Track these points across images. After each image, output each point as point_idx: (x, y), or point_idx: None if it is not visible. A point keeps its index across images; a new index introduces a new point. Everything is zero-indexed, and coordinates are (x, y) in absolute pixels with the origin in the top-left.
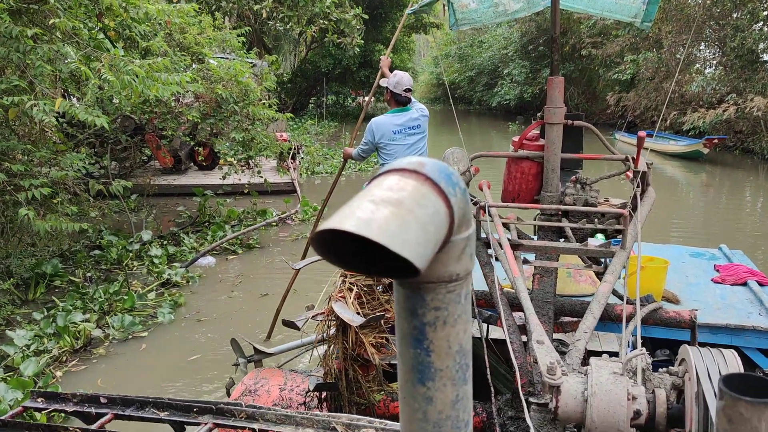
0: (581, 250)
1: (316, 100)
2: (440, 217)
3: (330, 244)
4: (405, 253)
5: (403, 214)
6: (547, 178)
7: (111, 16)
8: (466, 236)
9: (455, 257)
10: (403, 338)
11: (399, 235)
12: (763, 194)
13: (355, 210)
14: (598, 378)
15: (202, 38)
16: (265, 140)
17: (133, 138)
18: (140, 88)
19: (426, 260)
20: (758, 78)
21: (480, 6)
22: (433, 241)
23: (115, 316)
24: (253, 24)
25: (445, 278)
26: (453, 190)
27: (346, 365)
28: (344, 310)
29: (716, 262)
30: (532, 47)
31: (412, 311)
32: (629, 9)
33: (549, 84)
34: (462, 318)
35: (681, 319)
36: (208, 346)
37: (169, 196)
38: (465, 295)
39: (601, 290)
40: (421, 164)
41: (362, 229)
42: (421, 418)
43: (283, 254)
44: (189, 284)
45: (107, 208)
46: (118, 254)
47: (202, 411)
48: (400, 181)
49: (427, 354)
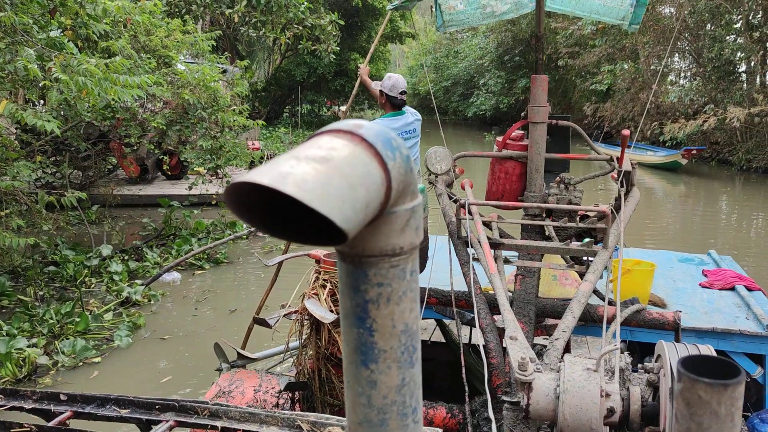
0: (563, 249)
1: (291, 108)
2: (373, 180)
3: (251, 203)
4: (325, 209)
5: (328, 171)
6: (531, 178)
7: (67, 13)
8: (411, 207)
9: (398, 229)
10: (346, 317)
11: (319, 191)
12: (741, 204)
13: (276, 165)
14: (571, 374)
15: (169, 41)
16: (235, 148)
17: (96, 146)
18: (96, 90)
19: (353, 223)
20: (736, 89)
21: (468, 8)
22: (363, 204)
23: (66, 340)
24: (226, 30)
25: (387, 251)
26: (392, 154)
27: (320, 365)
28: (317, 307)
29: (705, 267)
30: (508, 57)
31: (354, 287)
32: (617, 11)
33: (533, 82)
34: (408, 296)
35: (664, 320)
36: (171, 369)
37: (134, 207)
38: (411, 272)
39: (582, 289)
40: (357, 125)
41: (277, 182)
42: (365, 403)
43: (254, 268)
44: (150, 303)
45: (63, 221)
46: (74, 270)
47: (164, 408)
48: (332, 140)
49: (370, 333)
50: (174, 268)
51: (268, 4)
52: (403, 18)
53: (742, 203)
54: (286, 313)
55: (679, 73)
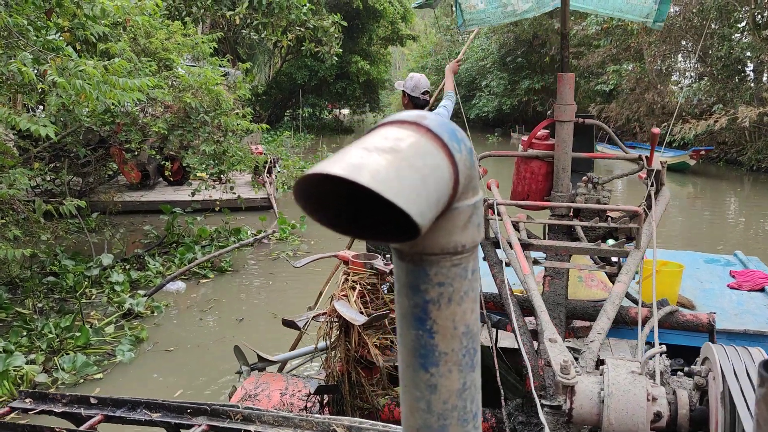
0: (594, 249)
1: (292, 112)
2: (442, 173)
3: (315, 198)
4: (401, 202)
5: (400, 163)
6: (558, 177)
7: (64, 15)
8: (473, 203)
9: (460, 226)
10: (404, 318)
11: (395, 183)
12: (752, 205)
13: (345, 156)
14: (615, 378)
15: (170, 44)
16: (239, 153)
17: (96, 151)
18: (95, 93)
19: (426, 218)
20: (745, 88)
21: (488, 6)
22: (435, 198)
23: (66, 356)
24: (227, 33)
25: (449, 249)
26: (458, 146)
27: (349, 367)
28: (347, 309)
29: (732, 268)
30: (511, 59)
31: (414, 287)
32: (641, 9)
33: (559, 80)
34: (469, 296)
35: (698, 322)
36: (180, 382)
37: (136, 214)
38: (472, 271)
39: (616, 291)
40: (421, 116)
41: (352, 173)
42: (425, 408)
43: (259, 276)
44: (154, 314)
45: (62, 229)
46: (74, 281)
47: (195, 412)
48: (398, 131)
49: (431, 335)
50: (178, 278)
51: (269, 6)
52: (404, 20)
53: (752, 204)
54: (315, 315)
55: (683, 73)
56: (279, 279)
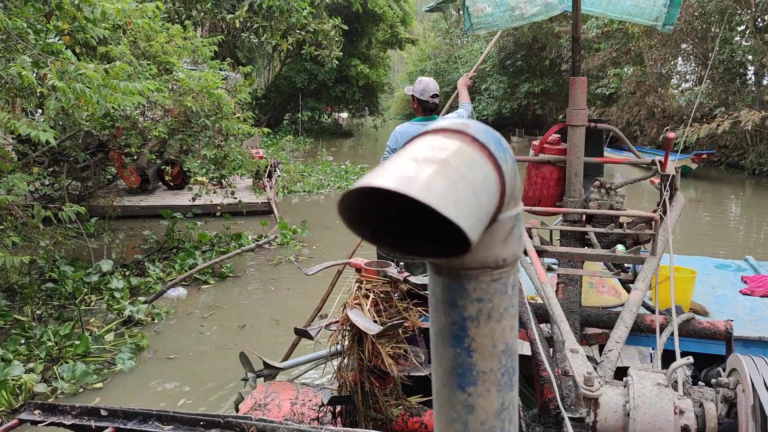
0: (609, 256)
1: (291, 116)
2: (491, 184)
3: (358, 212)
4: (456, 217)
5: (451, 174)
6: (570, 182)
7: (64, 18)
8: (515, 214)
9: (502, 239)
10: (440, 335)
11: (448, 196)
12: (755, 209)
13: (393, 168)
14: (641, 390)
15: (170, 47)
16: (240, 157)
17: (96, 156)
18: (95, 97)
19: (478, 233)
20: (747, 91)
21: (496, 10)
22: (485, 211)
23: (66, 365)
24: (226, 36)
25: (490, 263)
26: (504, 155)
27: (362, 377)
28: (360, 318)
29: (743, 274)
30: (510, 62)
31: (451, 303)
32: (650, 12)
33: (571, 84)
34: (509, 312)
35: (716, 330)
36: (183, 391)
37: (135, 219)
38: (512, 286)
39: (633, 298)
40: (465, 125)
41: (404, 186)
42: (460, 429)
43: (261, 282)
44: (154, 321)
45: (61, 235)
46: (73, 287)
47: (209, 425)
48: (443, 140)
49: (469, 354)
50: (179, 284)
51: (269, 9)
52: (403, 24)
53: (755, 207)
54: (327, 324)
55: (683, 76)
56: (281, 285)
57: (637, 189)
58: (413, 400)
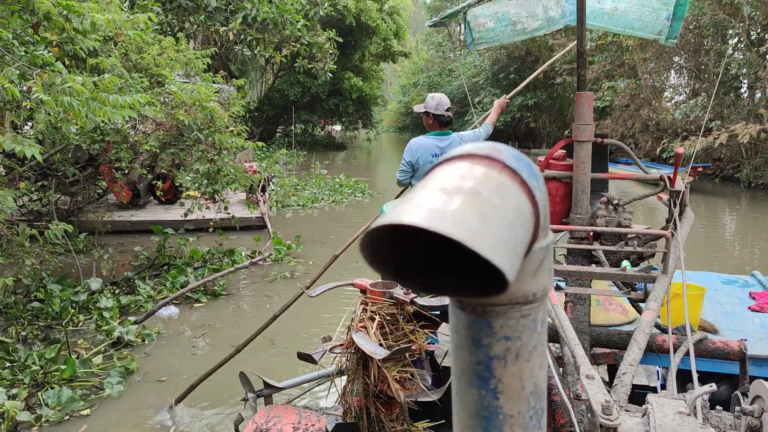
0: (619, 275)
1: (284, 128)
2: (525, 216)
3: (383, 249)
4: (493, 256)
5: (483, 207)
6: (577, 199)
7: (52, 29)
8: (545, 246)
9: (531, 272)
10: (463, 375)
11: (483, 232)
12: (752, 222)
13: (421, 200)
14: (662, 419)
15: (162, 59)
16: (233, 172)
17: (85, 170)
18: (84, 111)
19: (515, 271)
20: (742, 104)
21: (497, 25)
22: (521, 246)
23: (51, 390)
24: (219, 48)
25: (519, 299)
26: (536, 182)
27: (368, 402)
28: (366, 342)
29: (751, 289)
30: (503, 75)
31: (476, 341)
32: (653, 26)
33: (578, 99)
34: (537, 350)
35: (729, 350)
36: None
37: (126, 234)
38: (541, 322)
39: (645, 319)
40: (495, 149)
41: (435, 222)
42: None
43: (254, 301)
44: (145, 343)
45: (48, 251)
46: (61, 307)
47: None
48: (472, 167)
49: (495, 396)
50: (171, 302)
51: (263, 22)
52: (396, 37)
53: (752, 221)
54: (331, 347)
55: (676, 89)
56: (275, 302)
57: (636, 204)
58: (420, 425)
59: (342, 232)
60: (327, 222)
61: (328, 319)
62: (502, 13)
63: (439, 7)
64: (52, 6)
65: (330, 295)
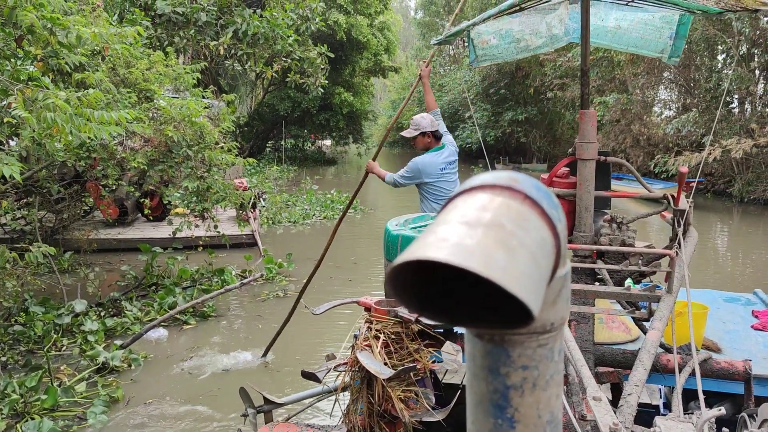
0: (624, 294)
1: (274, 143)
2: (548, 248)
3: (406, 283)
4: (520, 292)
5: (508, 241)
6: (580, 217)
7: (37, 43)
8: (563, 274)
9: (549, 301)
10: (480, 404)
11: (511, 269)
12: (744, 237)
13: (445, 234)
14: None
15: (151, 74)
16: (223, 189)
17: (71, 187)
18: (68, 127)
19: (540, 305)
20: (734, 119)
21: (501, 42)
22: (545, 279)
23: (31, 421)
24: (209, 63)
25: (537, 328)
26: (557, 213)
27: (372, 422)
28: (371, 361)
29: (753, 308)
30: (494, 90)
31: (493, 370)
32: (655, 44)
33: (581, 117)
34: (554, 379)
35: (734, 370)
36: None
37: (112, 253)
38: (558, 351)
39: (650, 339)
40: (513, 179)
41: (459, 258)
42: None
43: (244, 322)
44: (131, 368)
45: (30, 273)
46: (43, 330)
47: None
48: (492, 199)
49: (511, 425)
50: (159, 325)
51: (254, 36)
52: (387, 52)
53: (745, 236)
54: (335, 365)
55: (665, 105)
56: (267, 322)
57: (641, 224)
58: None
59: (334, 249)
60: (319, 238)
61: (331, 335)
62: (506, 31)
63: (429, 23)
64: (35, 19)
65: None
